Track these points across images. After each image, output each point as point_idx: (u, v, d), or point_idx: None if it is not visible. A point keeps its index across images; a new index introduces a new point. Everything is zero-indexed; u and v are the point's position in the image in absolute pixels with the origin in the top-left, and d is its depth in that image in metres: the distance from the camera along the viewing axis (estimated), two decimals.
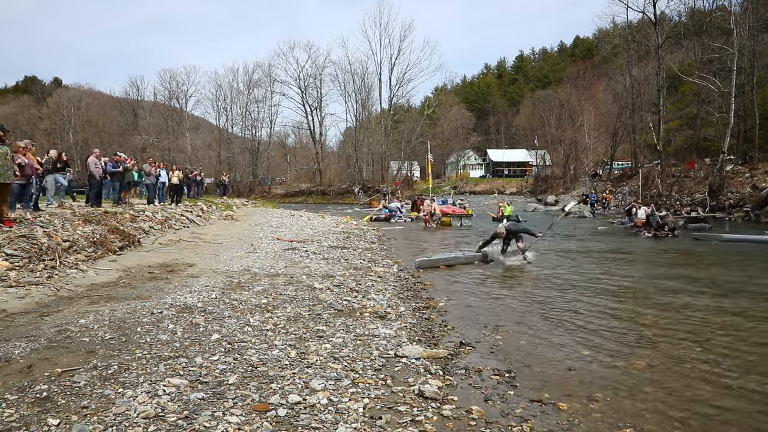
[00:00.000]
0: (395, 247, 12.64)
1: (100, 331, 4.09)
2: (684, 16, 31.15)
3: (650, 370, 3.99)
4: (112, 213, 10.29)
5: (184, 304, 5.19)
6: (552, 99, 49.16)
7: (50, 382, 3.08)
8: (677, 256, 11.09)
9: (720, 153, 23.20)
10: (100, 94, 63.11)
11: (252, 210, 24.21)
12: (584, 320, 5.54)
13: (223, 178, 32.30)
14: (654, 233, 14.58)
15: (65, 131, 54.45)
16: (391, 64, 47.77)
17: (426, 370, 3.73)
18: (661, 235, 14.42)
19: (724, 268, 9.19)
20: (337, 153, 58.32)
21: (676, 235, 14.39)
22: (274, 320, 4.76)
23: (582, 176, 35.99)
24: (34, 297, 5.17)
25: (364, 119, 50.24)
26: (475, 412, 3.10)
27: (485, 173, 68.70)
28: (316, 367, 3.57)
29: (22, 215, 8.26)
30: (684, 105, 32.04)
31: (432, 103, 52.51)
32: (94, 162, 11.87)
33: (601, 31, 44.90)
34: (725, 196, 21.41)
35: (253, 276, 7.07)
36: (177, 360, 3.56)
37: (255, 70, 51.66)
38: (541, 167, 48.50)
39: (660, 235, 14.46)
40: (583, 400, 3.40)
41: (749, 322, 5.44)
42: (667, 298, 6.62)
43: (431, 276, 8.45)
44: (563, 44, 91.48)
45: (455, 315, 5.79)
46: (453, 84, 76.71)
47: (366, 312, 5.36)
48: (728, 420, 3.16)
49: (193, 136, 52.46)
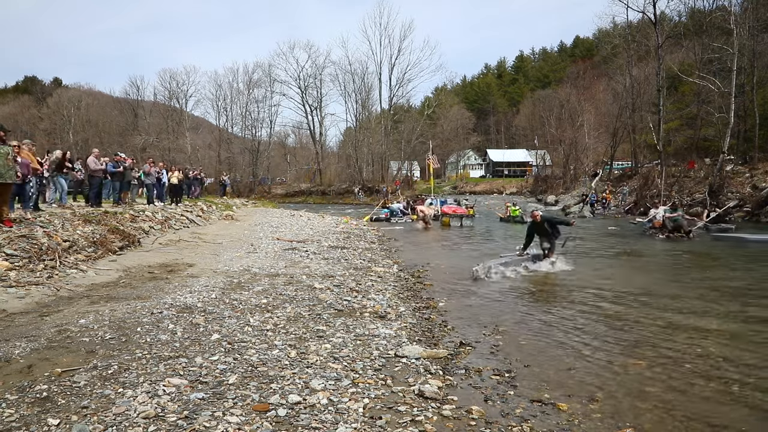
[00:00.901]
0: (395, 247, 12.64)
1: (100, 331, 4.09)
2: (684, 16, 31.23)
3: (650, 370, 3.99)
4: (112, 213, 10.29)
5: (184, 304, 5.19)
6: (552, 99, 49.13)
7: (50, 382, 3.08)
8: (690, 259, 10.66)
9: (720, 153, 23.19)
10: (100, 94, 63.12)
11: (252, 210, 24.21)
12: (584, 320, 5.54)
13: (224, 178, 32.32)
14: (668, 235, 13.88)
15: (65, 131, 54.42)
16: (391, 64, 47.85)
17: (426, 370, 3.73)
18: (676, 237, 13.68)
19: (732, 270, 9.03)
20: (337, 153, 58.32)
21: (691, 237, 13.70)
22: (274, 320, 4.76)
23: (582, 176, 35.98)
24: (34, 297, 5.17)
25: (364, 119, 50.25)
26: (475, 412, 3.10)
27: (485, 173, 68.66)
28: (316, 367, 3.57)
29: (22, 215, 8.26)
30: (684, 105, 32.05)
31: (432, 103, 52.51)
32: (93, 162, 11.87)
33: (601, 31, 45.01)
34: (725, 196, 21.40)
35: (253, 276, 7.07)
36: (177, 360, 3.56)
37: (255, 70, 51.67)
38: (541, 167, 48.49)
39: (674, 237, 13.68)
40: (583, 400, 3.40)
41: (750, 322, 5.44)
42: (668, 299, 6.61)
43: (431, 276, 8.45)
44: (563, 44, 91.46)
45: (455, 315, 5.79)
46: (453, 84, 76.70)
47: (366, 312, 5.36)
48: (728, 420, 3.16)
49: (193, 136, 52.42)
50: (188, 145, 49.47)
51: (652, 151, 30.95)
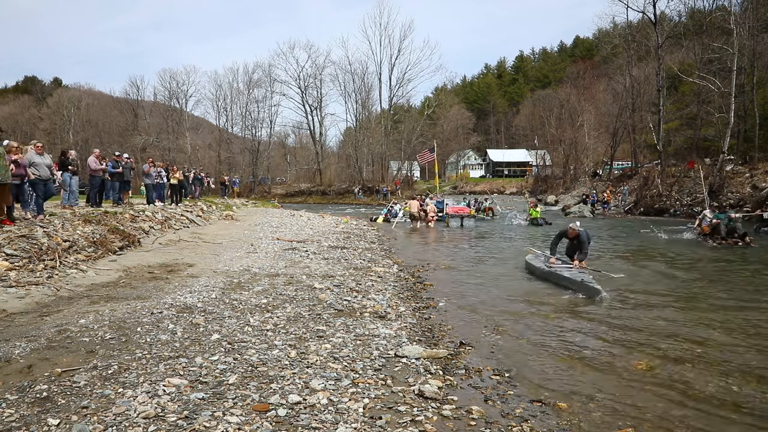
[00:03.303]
0: (395, 247, 12.64)
1: (100, 331, 4.09)
2: (684, 16, 31.19)
3: (650, 370, 3.99)
4: (112, 213, 10.29)
5: (184, 304, 5.19)
6: (552, 99, 49.11)
7: (50, 382, 3.08)
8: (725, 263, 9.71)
9: (720, 153, 23.19)
10: (100, 94, 63.13)
11: (252, 210, 24.19)
12: (584, 320, 5.55)
13: (225, 178, 32.40)
14: (721, 241, 11.96)
15: (65, 131, 54.42)
16: (391, 64, 47.83)
17: (426, 370, 3.73)
18: (730, 243, 11.77)
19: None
20: (337, 153, 58.32)
21: (748, 243, 11.61)
22: (274, 320, 4.76)
23: (582, 176, 35.97)
24: (34, 297, 5.17)
25: (364, 119, 50.21)
26: (475, 412, 3.10)
27: (485, 173, 68.69)
28: (316, 367, 3.57)
29: (23, 215, 8.26)
30: (684, 105, 32.06)
31: (432, 103, 52.50)
32: (94, 161, 11.87)
33: (601, 31, 44.94)
34: (725, 196, 21.41)
35: (253, 276, 7.07)
36: (177, 360, 3.56)
37: (255, 70, 51.68)
38: (541, 167, 48.48)
39: (728, 243, 11.78)
40: (583, 400, 3.40)
41: (752, 323, 5.44)
42: (668, 300, 6.62)
43: (431, 276, 8.45)
44: (563, 44, 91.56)
45: (455, 315, 5.79)
46: (453, 84, 76.75)
47: (366, 312, 5.36)
48: (728, 420, 3.16)
49: (193, 136, 52.44)
50: (188, 145, 49.49)
51: (652, 151, 30.96)
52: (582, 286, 6.81)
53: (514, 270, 9.06)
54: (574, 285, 7.02)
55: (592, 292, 6.54)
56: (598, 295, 6.39)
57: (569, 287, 7.09)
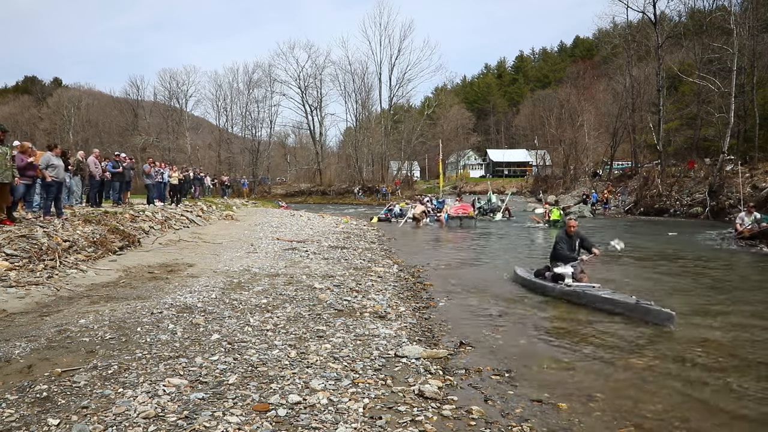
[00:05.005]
0: (395, 247, 12.64)
1: (100, 331, 4.09)
2: (684, 16, 31.19)
3: (650, 370, 3.99)
4: (112, 213, 10.29)
5: (184, 304, 5.19)
6: (552, 99, 49.08)
7: (50, 382, 3.08)
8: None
9: (720, 153, 23.18)
10: (100, 94, 63.05)
11: (252, 210, 24.18)
12: (584, 320, 5.54)
13: (225, 178, 32.45)
14: None
15: (65, 131, 54.33)
16: (391, 64, 47.76)
17: (426, 370, 3.73)
18: None
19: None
20: (337, 153, 58.26)
21: None
22: (274, 320, 4.76)
23: (582, 176, 35.97)
24: (34, 297, 5.17)
25: (364, 119, 50.17)
26: (475, 412, 3.10)
27: (485, 173, 68.65)
28: (316, 367, 3.57)
29: (23, 215, 8.26)
30: (684, 105, 32.05)
31: (432, 103, 52.47)
32: (94, 162, 11.87)
33: (601, 31, 44.86)
34: (725, 196, 21.40)
35: (253, 276, 7.07)
36: (177, 360, 3.56)
37: (255, 70, 51.56)
38: (541, 167, 48.47)
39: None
40: (583, 400, 3.40)
41: (752, 324, 5.44)
42: (669, 300, 6.61)
43: (431, 276, 8.45)
44: (563, 44, 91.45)
45: (455, 315, 5.79)
46: (453, 84, 76.61)
47: (366, 312, 5.36)
48: (729, 420, 3.16)
49: (193, 136, 52.40)
50: (188, 145, 49.46)
51: (652, 151, 30.94)
52: (640, 309, 5.36)
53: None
54: (626, 309, 5.54)
55: (659, 316, 5.16)
56: (670, 319, 5.06)
57: (616, 311, 5.62)
